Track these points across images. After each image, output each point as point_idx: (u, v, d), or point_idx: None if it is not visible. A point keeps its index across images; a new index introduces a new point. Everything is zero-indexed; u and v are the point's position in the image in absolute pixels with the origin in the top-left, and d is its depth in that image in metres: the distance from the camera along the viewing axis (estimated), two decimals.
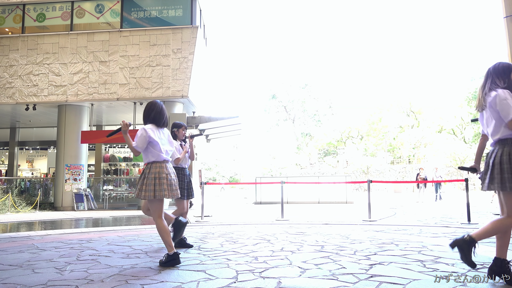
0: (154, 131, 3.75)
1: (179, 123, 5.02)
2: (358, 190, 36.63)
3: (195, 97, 13.66)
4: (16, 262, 3.91)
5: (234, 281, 2.98)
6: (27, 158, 20.47)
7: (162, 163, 3.75)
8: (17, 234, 6.37)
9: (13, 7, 13.94)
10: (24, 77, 13.33)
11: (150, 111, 3.82)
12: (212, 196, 24.90)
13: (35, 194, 13.86)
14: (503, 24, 7.67)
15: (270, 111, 53.75)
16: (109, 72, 13.15)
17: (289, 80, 53.83)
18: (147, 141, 3.67)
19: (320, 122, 52.56)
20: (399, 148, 43.55)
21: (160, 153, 3.75)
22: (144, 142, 3.67)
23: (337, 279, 2.99)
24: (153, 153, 3.73)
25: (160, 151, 3.74)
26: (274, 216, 9.28)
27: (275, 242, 4.96)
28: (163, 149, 3.79)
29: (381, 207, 12.27)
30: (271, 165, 48.68)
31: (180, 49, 13.02)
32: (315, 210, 11.60)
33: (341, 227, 6.70)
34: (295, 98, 53.00)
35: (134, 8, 13.63)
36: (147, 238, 5.54)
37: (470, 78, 43.09)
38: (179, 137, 4.96)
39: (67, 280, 3.09)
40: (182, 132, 4.96)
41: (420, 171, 17.12)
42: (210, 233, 6.04)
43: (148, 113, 3.82)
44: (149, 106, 3.86)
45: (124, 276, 3.21)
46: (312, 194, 15.57)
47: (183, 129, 4.96)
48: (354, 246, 4.54)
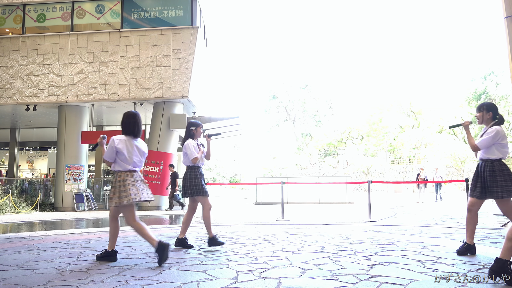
0: (124, 141, 3.92)
1: (196, 122, 4.90)
2: (359, 191, 36.61)
3: (195, 98, 13.66)
4: (16, 262, 3.91)
5: (234, 282, 2.98)
6: (28, 158, 20.49)
7: (127, 173, 3.89)
8: (17, 234, 6.37)
9: (14, 7, 13.95)
10: (25, 78, 13.34)
11: (127, 121, 4.02)
12: (213, 197, 24.89)
13: (35, 194, 13.86)
14: (504, 25, 7.66)
15: (270, 111, 53.77)
16: (110, 72, 13.16)
17: (289, 80, 53.86)
18: (114, 151, 3.87)
19: (321, 122, 52.57)
20: (400, 149, 43.54)
21: (126, 163, 3.89)
22: (112, 152, 3.87)
23: (338, 280, 2.99)
24: (119, 163, 3.90)
25: (126, 161, 3.89)
26: (275, 216, 9.27)
27: (276, 243, 4.96)
28: (130, 160, 3.91)
29: (382, 208, 12.27)
30: (271, 166, 48.66)
31: (181, 50, 13.03)
32: (316, 210, 11.59)
33: (341, 228, 6.70)
34: (295, 99, 53.02)
35: (134, 8, 13.64)
36: None
37: (470, 78, 43.05)
38: (196, 136, 4.86)
39: (67, 281, 3.09)
40: (200, 131, 4.88)
41: (421, 171, 17.11)
42: None
43: (122, 123, 4.04)
44: (124, 116, 4.07)
45: (124, 276, 3.22)
46: (313, 194, 15.56)
47: (200, 128, 4.88)
48: (355, 247, 4.54)
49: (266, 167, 48.31)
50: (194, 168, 4.74)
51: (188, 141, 4.73)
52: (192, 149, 4.67)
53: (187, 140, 4.77)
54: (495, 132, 3.84)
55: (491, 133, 3.85)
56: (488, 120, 4.01)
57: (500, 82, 39.61)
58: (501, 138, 3.85)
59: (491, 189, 3.80)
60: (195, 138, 4.85)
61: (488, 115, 4.00)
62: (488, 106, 4.03)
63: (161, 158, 13.18)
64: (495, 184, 3.78)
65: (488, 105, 4.04)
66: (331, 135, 49.45)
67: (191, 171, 4.74)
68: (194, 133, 4.84)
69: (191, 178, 4.70)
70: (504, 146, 3.90)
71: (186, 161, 4.77)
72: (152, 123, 13.56)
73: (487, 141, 3.86)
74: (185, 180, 4.73)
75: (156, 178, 13.06)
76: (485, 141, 3.87)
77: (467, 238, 4.00)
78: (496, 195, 3.78)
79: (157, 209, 12.90)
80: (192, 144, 4.70)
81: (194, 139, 4.81)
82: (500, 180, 3.77)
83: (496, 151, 3.88)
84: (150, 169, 13.06)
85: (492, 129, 3.89)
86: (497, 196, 3.78)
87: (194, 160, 4.67)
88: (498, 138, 3.84)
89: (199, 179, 4.70)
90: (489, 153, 3.89)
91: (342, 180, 16.31)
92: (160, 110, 13.33)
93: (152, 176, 13.01)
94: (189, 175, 4.73)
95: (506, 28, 7.41)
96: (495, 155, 3.87)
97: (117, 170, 3.91)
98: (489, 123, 4.00)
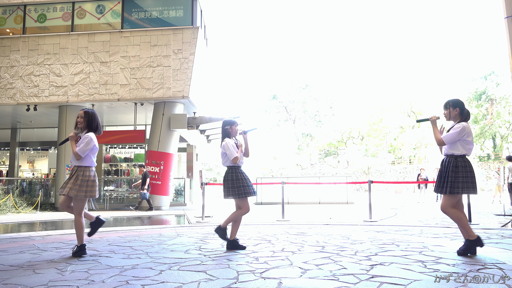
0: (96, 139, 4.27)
1: (230, 120, 4.74)
2: (359, 191, 36.61)
3: (195, 98, 13.66)
4: (17, 262, 3.91)
5: (235, 282, 2.98)
6: (28, 158, 20.49)
7: (93, 168, 4.30)
8: (18, 234, 6.38)
9: (14, 7, 13.96)
10: (25, 78, 13.35)
11: (94, 120, 4.26)
12: (213, 197, 24.90)
13: (36, 194, 13.87)
14: (504, 25, 7.66)
15: (270, 111, 53.77)
16: (110, 72, 13.17)
17: (289, 80, 53.87)
18: (91, 148, 4.16)
19: (321, 122, 52.58)
20: (400, 149, 43.54)
21: (94, 160, 4.30)
22: (89, 149, 4.16)
23: (338, 280, 2.99)
24: (91, 159, 4.24)
25: (94, 157, 4.30)
26: (275, 216, 9.28)
27: (276, 243, 4.96)
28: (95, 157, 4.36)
29: (382, 208, 12.27)
30: (271, 166, 48.69)
31: (181, 50, 13.03)
32: (316, 210, 11.59)
33: (342, 228, 6.70)
34: (295, 99, 53.02)
35: (134, 8, 13.64)
36: (147, 239, 5.55)
37: (471, 78, 43.04)
38: (232, 134, 4.65)
39: (68, 281, 3.09)
40: (235, 128, 4.68)
41: (421, 171, 17.10)
42: (211, 233, 6.04)
43: (93, 121, 4.25)
44: (92, 115, 4.26)
45: (125, 276, 3.22)
46: (313, 194, 15.57)
47: (235, 125, 4.68)
48: (355, 247, 4.54)
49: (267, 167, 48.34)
50: (234, 169, 4.55)
51: (226, 141, 4.53)
52: (231, 149, 4.47)
53: (224, 139, 4.58)
54: (461, 128, 3.89)
55: (458, 128, 3.90)
56: (456, 116, 4.05)
57: (501, 82, 39.59)
58: (466, 135, 3.90)
59: (452, 184, 3.85)
60: (232, 136, 4.65)
61: (455, 111, 4.04)
62: (454, 102, 4.06)
63: (161, 158, 13.18)
64: (457, 179, 3.84)
65: (454, 101, 4.07)
66: (332, 135, 49.47)
67: (231, 172, 4.55)
68: (230, 131, 4.63)
69: (233, 179, 4.50)
70: (469, 143, 3.94)
71: (226, 161, 4.59)
72: (153, 123, 13.57)
73: (452, 136, 3.91)
74: (227, 182, 4.53)
75: (156, 178, 13.07)
76: (451, 136, 3.92)
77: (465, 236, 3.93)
78: (456, 190, 3.83)
79: (157, 209, 12.91)
80: (230, 143, 4.50)
81: (230, 138, 4.62)
82: (462, 176, 3.83)
83: (461, 147, 3.92)
84: (150, 169, 13.07)
85: (459, 125, 3.94)
86: (457, 191, 3.82)
87: (235, 160, 4.48)
88: (463, 134, 3.89)
89: (240, 180, 4.49)
90: (453, 148, 3.94)
91: (343, 180, 16.30)
92: (160, 110, 13.33)
93: (152, 176, 13.02)
94: (230, 176, 4.53)
95: (506, 28, 7.41)
96: (459, 151, 3.92)
97: (87, 165, 4.21)
98: (457, 119, 4.05)
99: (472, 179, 3.85)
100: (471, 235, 3.84)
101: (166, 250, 4.55)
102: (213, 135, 18.25)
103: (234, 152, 4.48)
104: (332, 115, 52.19)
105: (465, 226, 3.88)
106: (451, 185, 3.86)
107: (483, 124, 41.03)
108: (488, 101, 40.89)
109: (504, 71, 38.80)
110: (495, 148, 40.73)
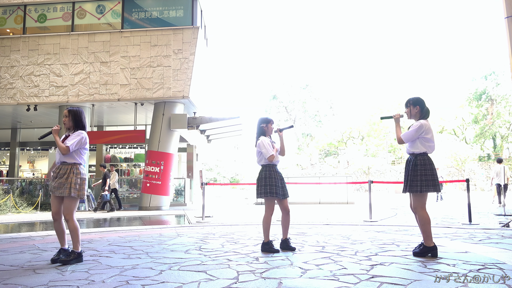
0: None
1: (266, 118, 4.65)
2: (359, 191, 36.61)
3: (196, 98, 13.67)
4: (17, 262, 3.91)
5: (235, 282, 2.98)
6: (28, 158, 20.50)
7: (83, 166, 4.10)
8: (18, 234, 6.38)
9: (14, 8, 13.96)
10: (25, 78, 13.35)
11: (82, 117, 4.11)
12: (213, 197, 24.90)
13: (36, 194, 13.88)
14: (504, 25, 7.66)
15: (271, 111, 53.80)
16: (110, 72, 13.17)
17: (290, 80, 53.92)
18: (81, 146, 4.00)
19: (321, 122, 52.61)
20: (400, 149, 43.50)
21: (84, 157, 4.12)
22: (80, 146, 3.99)
23: (338, 280, 2.99)
24: (80, 156, 4.05)
25: (84, 155, 4.14)
26: (275, 216, 9.26)
27: (276, 243, 4.96)
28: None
29: (382, 208, 12.27)
30: None
31: (181, 50, 13.03)
32: (316, 210, 11.59)
33: (342, 228, 6.69)
34: (296, 99, 53.06)
35: (135, 8, 13.64)
36: (148, 239, 5.55)
37: (471, 78, 43.04)
38: (268, 133, 4.58)
39: (68, 281, 3.09)
40: (271, 127, 4.61)
41: None
42: (211, 233, 6.04)
43: (81, 119, 4.10)
44: (78, 112, 4.10)
45: (125, 276, 3.22)
46: (313, 194, 15.57)
47: (271, 124, 4.61)
48: (355, 247, 4.54)
49: None
50: (269, 167, 4.45)
51: (262, 139, 4.46)
52: (267, 147, 4.39)
53: (259, 138, 4.52)
54: (419, 126, 3.87)
55: (415, 126, 3.90)
56: (416, 115, 4.03)
57: (501, 82, 39.60)
58: (425, 132, 3.87)
59: (411, 183, 3.84)
60: (267, 135, 4.58)
61: (415, 110, 4.02)
62: (414, 100, 4.04)
63: (161, 158, 13.18)
64: (416, 178, 3.82)
65: (414, 99, 4.05)
66: (332, 135, 49.47)
67: (266, 170, 4.43)
68: (266, 129, 4.57)
69: (266, 178, 4.39)
70: (429, 141, 3.91)
71: (261, 159, 4.49)
72: (153, 123, 13.57)
73: (410, 134, 3.91)
74: (260, 180, 4.42)
75: (156, 178, 13.07)
76: (409, 134, 3.92)
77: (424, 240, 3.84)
78: (415, 189, 3.81)
79: (157, 209, 12.91)
80: (266, 142, 4.43)
81: (266, 136, 4.56)
82: (421, 174, 3.81)
83: (420, 145, 3.90)
84: (150, 169, 13.07)
85: (417, 122, 3.93)
86: (416, 190, 3.81)
87: (271, 158, 4.38)
88: (421, 131, 3.87)
89: (273, 179, 4.38)
90: (413, 147, 3.94)
91: (343, 180, 16.31)
92: (160, 110, 13.33)
93: (152, 176, 13.02)
94: (264, 174, 4.42)
95: (506, 28, 7.41)
96: (419, 149, 3.91)
97: (78, 163, 4.02)
98: (417, 117, 4.03)
99: (432, 177, 3.81)
100: (429, 243, 3.80)
101: (166, 250, 4.55)
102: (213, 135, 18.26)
103: (270, 150, 4.39)
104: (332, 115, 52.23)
105: (427, 231, 3.81)
106: (410, 184, 3.86)
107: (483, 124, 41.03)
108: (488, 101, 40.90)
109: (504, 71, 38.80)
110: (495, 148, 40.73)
